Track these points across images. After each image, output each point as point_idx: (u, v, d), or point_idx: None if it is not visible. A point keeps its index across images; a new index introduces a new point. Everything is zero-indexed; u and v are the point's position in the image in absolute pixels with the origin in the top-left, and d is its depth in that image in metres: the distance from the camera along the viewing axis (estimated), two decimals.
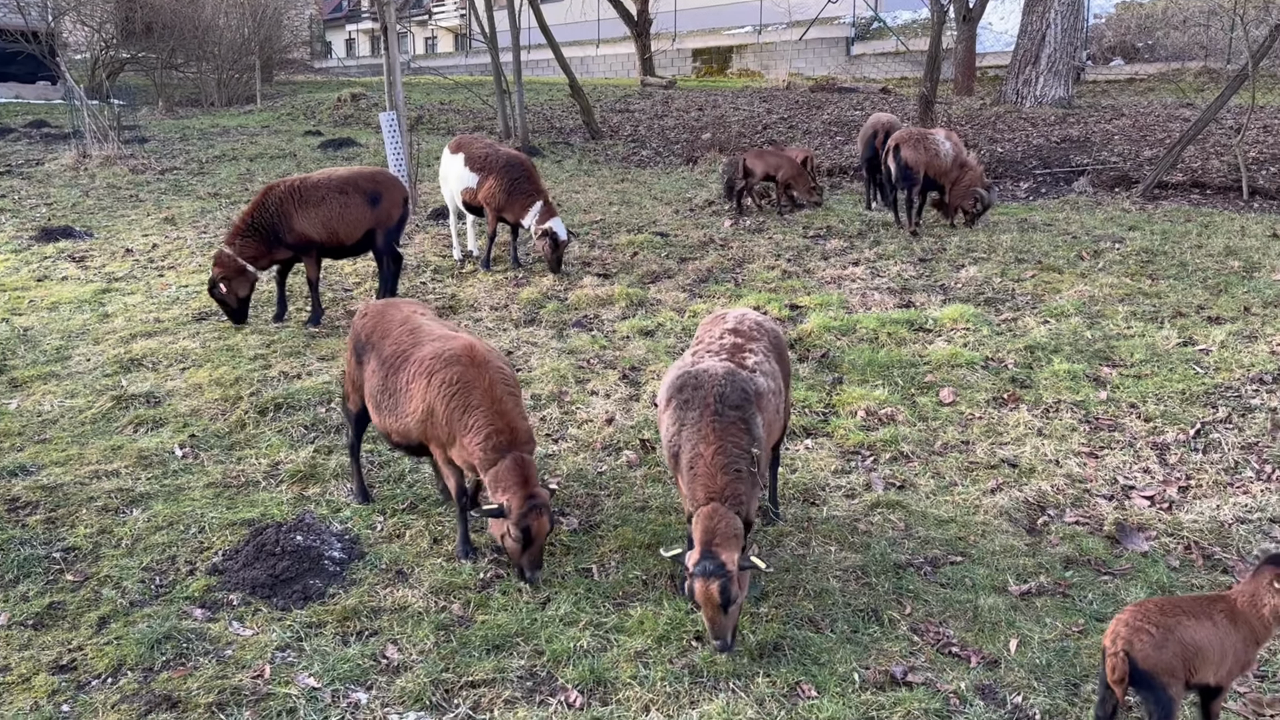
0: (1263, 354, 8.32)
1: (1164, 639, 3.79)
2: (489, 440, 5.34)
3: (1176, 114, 20.70)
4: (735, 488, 4.85)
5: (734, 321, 5.78)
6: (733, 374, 5.13)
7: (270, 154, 20.42)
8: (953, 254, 11.83)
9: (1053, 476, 6.62)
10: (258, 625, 5.09)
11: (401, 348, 5.74)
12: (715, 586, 4.50)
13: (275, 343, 9.03)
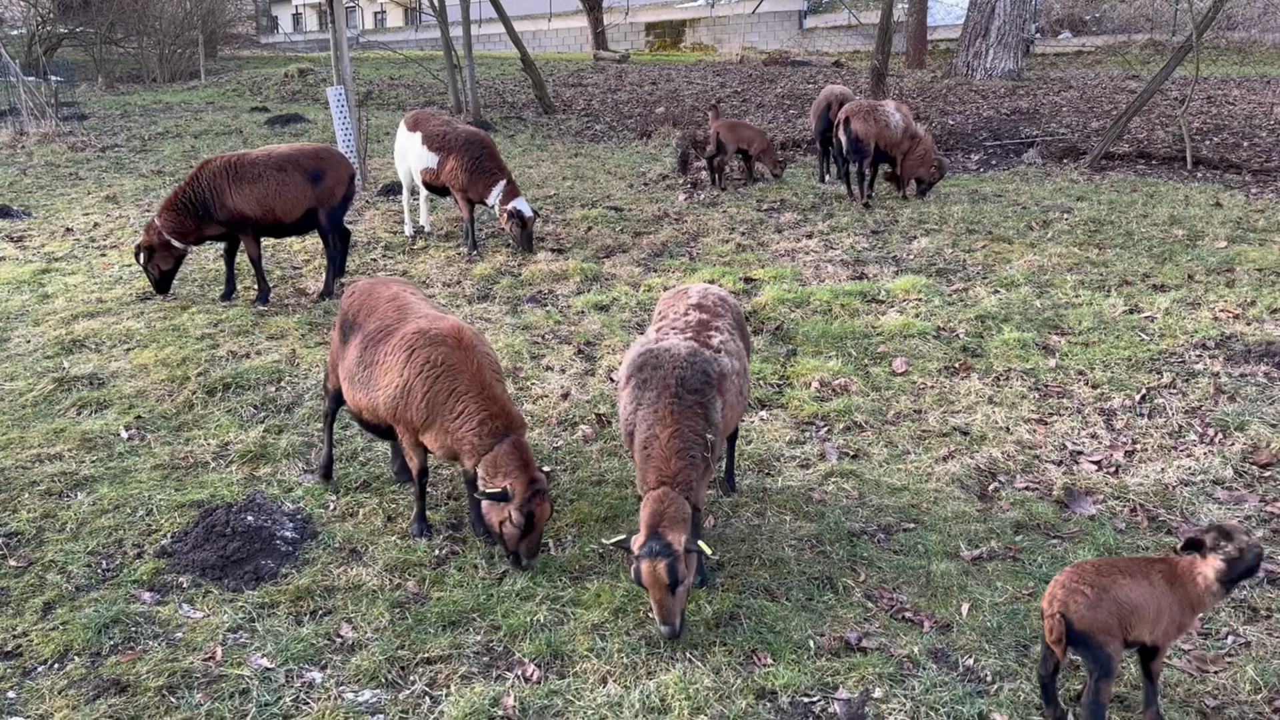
0: (1205, 320, 8.48)
1: (1098, 599, 3.84)
2: (484, 426, 5.25)
3: (1123, 86, 20.98)
4: (687, 474, 4.82)
5: (698, 296, 5.72)
6: (695, 355, 5.08)
7: (215, 130, 20.00)
8: (905, 226, 11.90)
9: (1003, 443, 6.71)
10: (208, 607, 5.02)
11: (385, 323, 5.62)
12: (662, 566, 4.47)
13: (223, 322, 8.87)
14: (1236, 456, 6.35)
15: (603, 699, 4.34)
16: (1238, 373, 7.45)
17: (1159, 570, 3.96)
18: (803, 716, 4.23)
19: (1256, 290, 9.07)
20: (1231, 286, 9.27)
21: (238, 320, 8.90)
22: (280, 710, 4.31)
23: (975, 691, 4.36)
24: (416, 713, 4.31)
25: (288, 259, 10.99)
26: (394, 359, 5.41)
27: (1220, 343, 7.99)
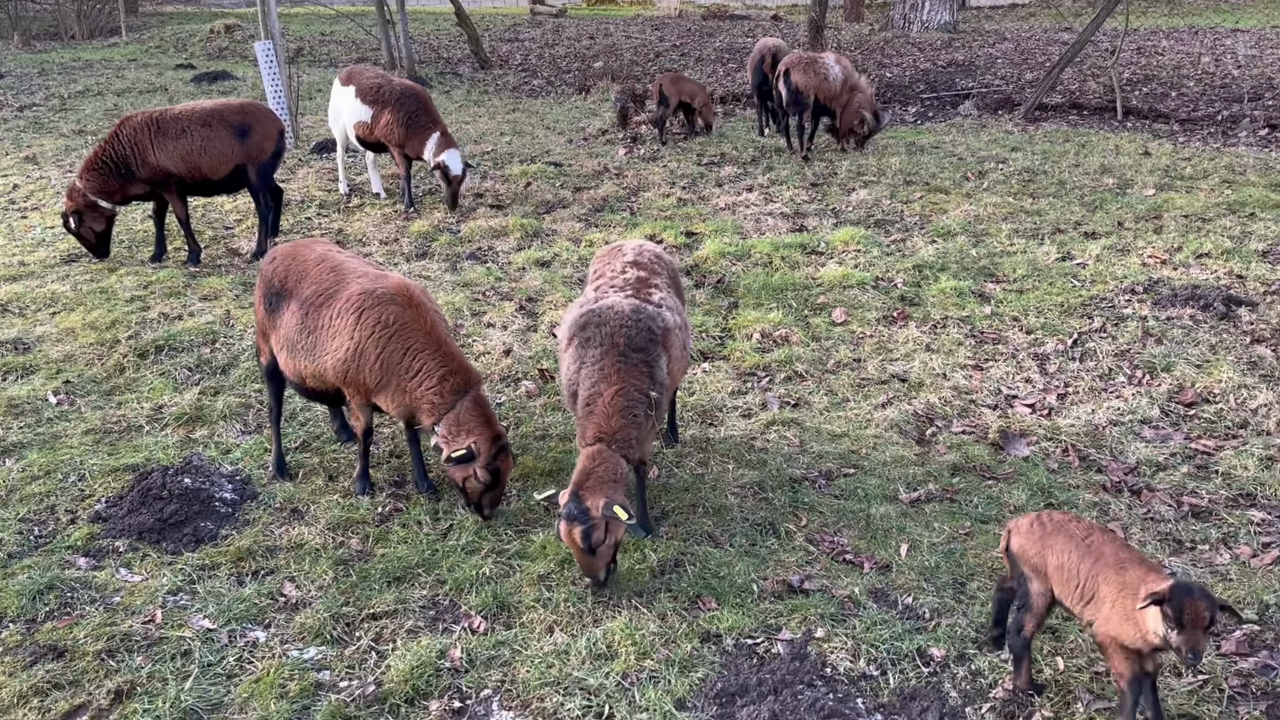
0: (1134, 266, 8.68)
1: (1038, 535, 3.89)
2: (444, 383, 5.19)
3: (1056, 38, 21.21)
4: (628, 432, 4.81)
5: (634, 254, 5.67)
6: (639, 312, 5.05)
7: (139, 89, 19.36)
8: (843, 178, 11.97)
9: (940, 389, 6.83)
10: (147, 570, 4.94)
11: (324, 287, 5.41)
12: (578, 532, 4.49)
13: (153, 283, 8.65)
14: (1163, 396, 6.54)
15: (550, 648, 4.38)
16: (1164, 316, 7.65)
17: (1117, 561, 3.64)
18: (747, 658, 4.30)
19: (1183, 236, 9.29)
20: (1159, 233, 9.49)
21: (169, 282, 8.68)
22: (224, 670, 4.28)
23: (914, 628, 4.47)
24: (363, 668, 4.31)
25: (219, 219, 10.73)
26: (342, 322, 5.26)
27: (1148, 287, 8.19)
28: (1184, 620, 3.27)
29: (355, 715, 4.02)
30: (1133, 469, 5.77)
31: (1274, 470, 5.64)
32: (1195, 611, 3.27)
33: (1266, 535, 5.08)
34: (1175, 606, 3.28)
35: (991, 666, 4.21)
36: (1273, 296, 7.84)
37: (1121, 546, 3.71)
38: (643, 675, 4.20)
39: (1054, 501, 5.47)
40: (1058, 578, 3.79)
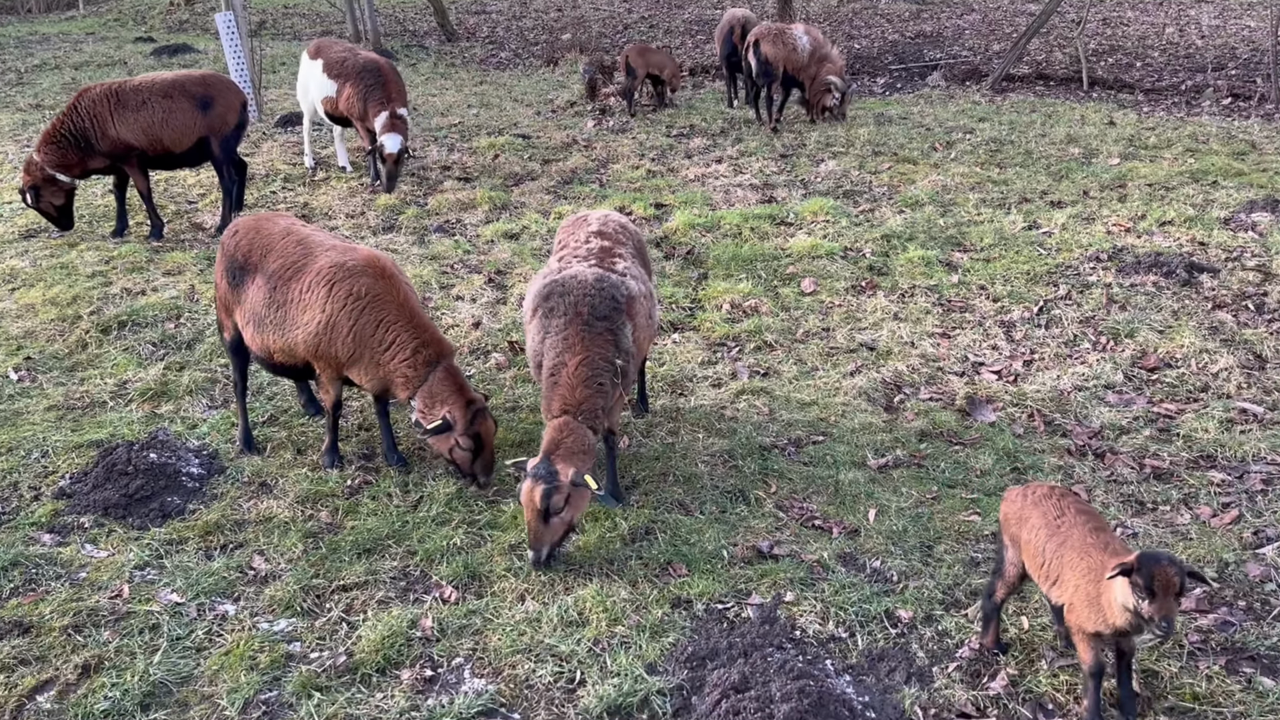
0: (1099, 234, 8.76)
1: (1017, 506, 3.91)
2: (417, 355, 5.17)
3: (1023, 9, 21.26)
4: (593, 402, 4.80)
5: (598, 224, 5.63)
6: (602, 281, 5.02)
7: (97, 62, 18.98)
8: (812, 149, 11.97)
9: (908, 357, 6.88)
10: (113, 546, 4.90)
11: (291, 259, 5.35)
12: (539, 491, 4.47)
13: (115, 259, 8.52)
14: (1127, 362, 6.63)
15: (521, 616, 4.39)
16: (1128, 283, 7.74)
17: (1083, 546, 3.61)
18: (717, 622, 4.34)
19: (1147, 204, 9.38)
20: (1124, 201, 9.57)
21: (131, 257, 8.55)
22: (193, 643, 4.26)
23: (882, 591, 4.52)
24: (334, 638, 4.30)
25: (181, 193, 10.57)
26: (313, 295, 5.21)
27: (1113, 255, 8.27)
28: (1154, 588, 3.23)
29: (327, 685, 4.02)
30: (1097, 433, 5.85)
31: (1234, 432, 5.74)
32: (1165, 578, 3.23)
33: (1226, 495, 5.17)
34: (1145, 575, 3.24)
35: (958, 627, 4.27)
36: (1234, 263, 7.95)
37: (1092, 531, 3.65)
38: (614, 641, 4.22)
39: (1019, 466, 5.54)
40: (1028, 553, 3.83)
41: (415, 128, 13.07)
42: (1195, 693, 3.84)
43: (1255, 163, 10.54)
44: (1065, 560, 3.64)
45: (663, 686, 3.94)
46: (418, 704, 3.91)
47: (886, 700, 3.90)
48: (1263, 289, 7.46)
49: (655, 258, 8.63)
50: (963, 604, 4.43)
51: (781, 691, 3.73)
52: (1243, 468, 5.40)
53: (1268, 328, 6.92)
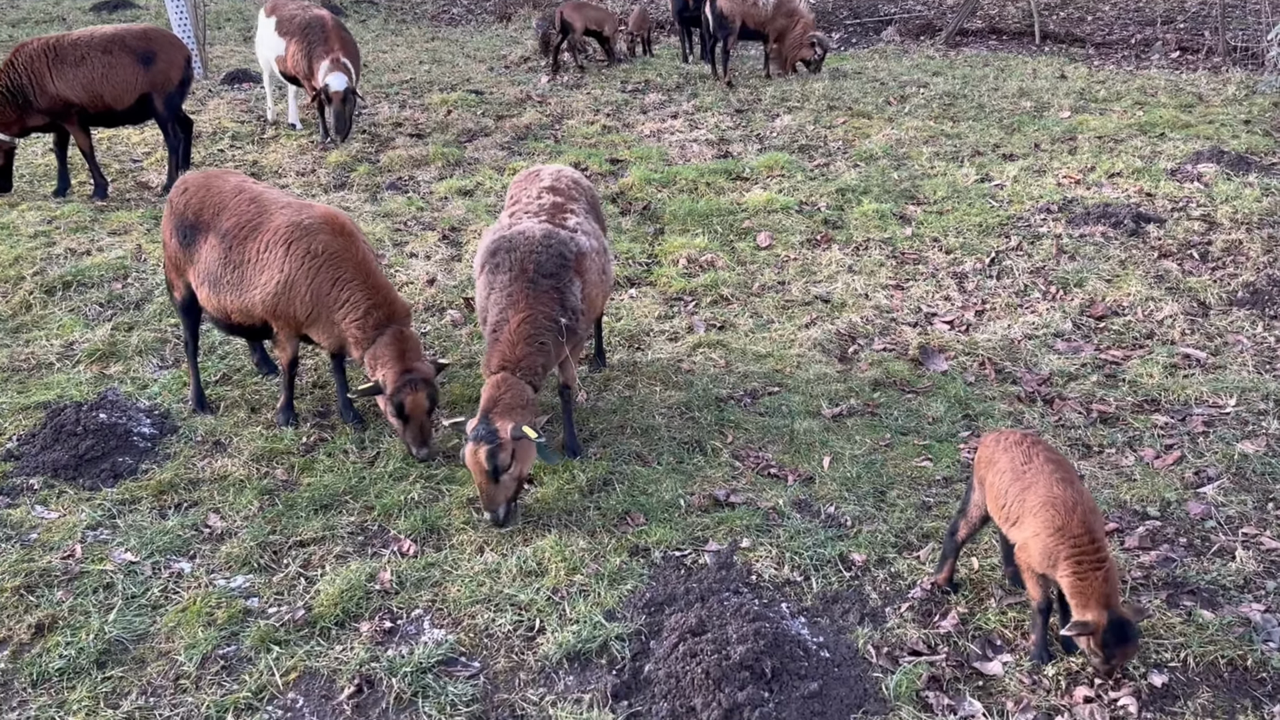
0: (1050, 186, 8.87)
1: (989, 449, 3.94)
2: (368, 317, 5.08)
3: None
4: (533, 360, 4.76)
5: (550, 179, 5.56)
6: (550, 237, 4.96)
7: (35, 19, 18.38)
8: (767, 104, 11.94)
9: (862, 309, 6.94)
10: (64, 507, 4.84)
11: (245, 218, 5.24)
12: (484, 452, 4.45)
13: (57, 219, 8.31)
14: (1075, 310, 6.74)
15: (480, 567, 4.41)
16: (1078, 233, 7.85)
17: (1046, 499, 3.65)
18: (675, 569, 4.39)
19: (1096, 156, 9.49)
20: (1074, 154, 9.68)
21: (74, 217, 8.36)
22: (149, 601, 4.23)
23: (836, 536, 4.60)
24: (292, 593, 4.30)
25: (126, 151, 10.32)
26: (270, 255, 5.12)
27: (1063, 206, 8.38)
28: (1110, 657, 3.52)
29: (285, 639, 4.02)
30: (1046, 380, 5.96)
31: (1177, 377, 5.87)
32: (1122, 656, 3.53)
33: (1169, 438, 5.30)
34: (1107, 646, 3.48)
35: (910, 569, 4.36)
36: (1179, 213, 8.08)
37: (1058, 483, 3.68)
38: (573, 589, 4.26)
39: (970, 413, 5.64)
40: (991, 495, 3.90)
41: (366, 84, 12.85)
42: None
43: (1202, 115, 10.69)
44: (1027, 505, 3.71)
45: (621, 632, 3.99)
46: (377, 655, 3.93)
47: (840, 640, 3.98)
48: (1207, 238, 7.61)
49: (611, 214, 8.60)
50: (915, 546, 4.52)
51: (738, 634, 3.79)
52: (1185, 411, 5.54)
53: (1211, 275, 7.06)
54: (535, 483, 5.05)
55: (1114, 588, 3.49)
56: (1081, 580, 3.50)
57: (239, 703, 3.72)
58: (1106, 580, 3.48)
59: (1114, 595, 3.48)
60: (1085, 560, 3.50)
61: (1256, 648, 3.82)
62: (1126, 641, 3.48)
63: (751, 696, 3.60)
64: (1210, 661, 3.79)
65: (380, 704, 3.73)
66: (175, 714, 3.69)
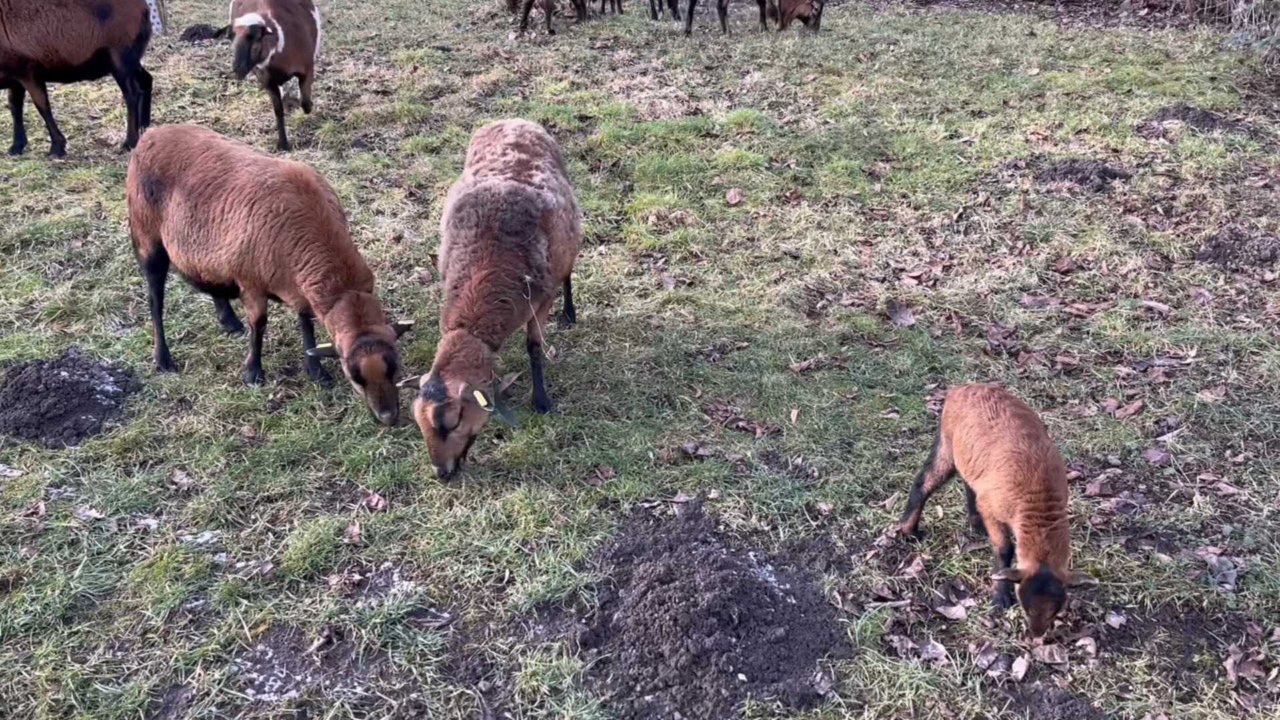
0: (1018, 142, 8.90)
1: (958, 401, 3.98)
2: (327, 281, 4.95)
3: None
4: (492, 318, 4.69)
5: (515, 135, 5.45)
6: (516, 194, 4.88)
7: None
8: (737, 61, 11.87)
9: (831, 265, 6.96)
10: (26, 465, 4.78)
11: (211, 175, 5.13)
12: (430, 410, 4.43)
13: (13, 176, 8.14)
14: (1041, 265, 6.80)
15: (449, 520, 4.42)
16: (1045, 189, 7.89)
17: (1010, 454, 3.68)
18: (644, 520, 4.42)
19: (1064, 113, 9.53)
20: (1042, 110, 9.71)
21: (31, 174, 8.19)
22: (115, 557, 4.21)
23: (803, 486, 4.64)
24: (260, 548, 4.29)
25: (83, 108, 10.11)
26: (234, 215, 5.02)
27: (1030, 162, 8.41)
28: (1029, 609, 3.62)
29: (254, 593, 4.01)
30: (1011, 333, 6.02)
31: (1140, 329, 5.94)
32: (1038, 609, 3.60)
33: (1130, 388, 5.38)
34: (1026, 598, 3.59)
35: (876, 518, 4.41)
36: (1145, 169, 8.14)
37: (1023, 439, 3.71)
38: (542, 541, 4.28)
39: (937, 366, 5.68)
40: (958, 449, 3.94)
41: (330, 40, 12.64)
42: (1097, 569, 4.04)
43: (1169, 72, 10.75)
44: (991, 459, 3.75)
45: (590, 581, 4.02)
46: (346, 607, 3.93)
47: (807, 587, 4.03)
48: (1171, 193, 7.68)
49: (580, 171, 8.55)
50: (881, 496, 4.57)
51: (706, 581, 3.83)
52: (1147, 362, 5.61)
53: (1175, 230, 7.14)
54: (505, 437, 5.05)
55: (1057, 546, 3.53)
56: (1027, 534, 3.57)
57: (208, 655, 3.72)
58: (1049, 537, 3.54)
59: (1055, 553, 3.53)
60: (1035, 515, 3.57)
61: (1212, 589, 3.91)
62: (1043, 594, 3.54)
63: (719, 642, 3.64)
64: (1167, 603, 3.88)
65: (350, 655, 3.74)
66: (144, 667, 3.68)
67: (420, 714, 3.51)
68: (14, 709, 3.53)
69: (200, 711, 3.50)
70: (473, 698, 3.57)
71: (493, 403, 4.57)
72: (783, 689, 3.54)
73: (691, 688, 3.54)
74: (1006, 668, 3.63)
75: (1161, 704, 3.46)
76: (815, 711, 3.48)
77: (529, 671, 3.63)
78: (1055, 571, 3.52)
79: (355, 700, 3.56)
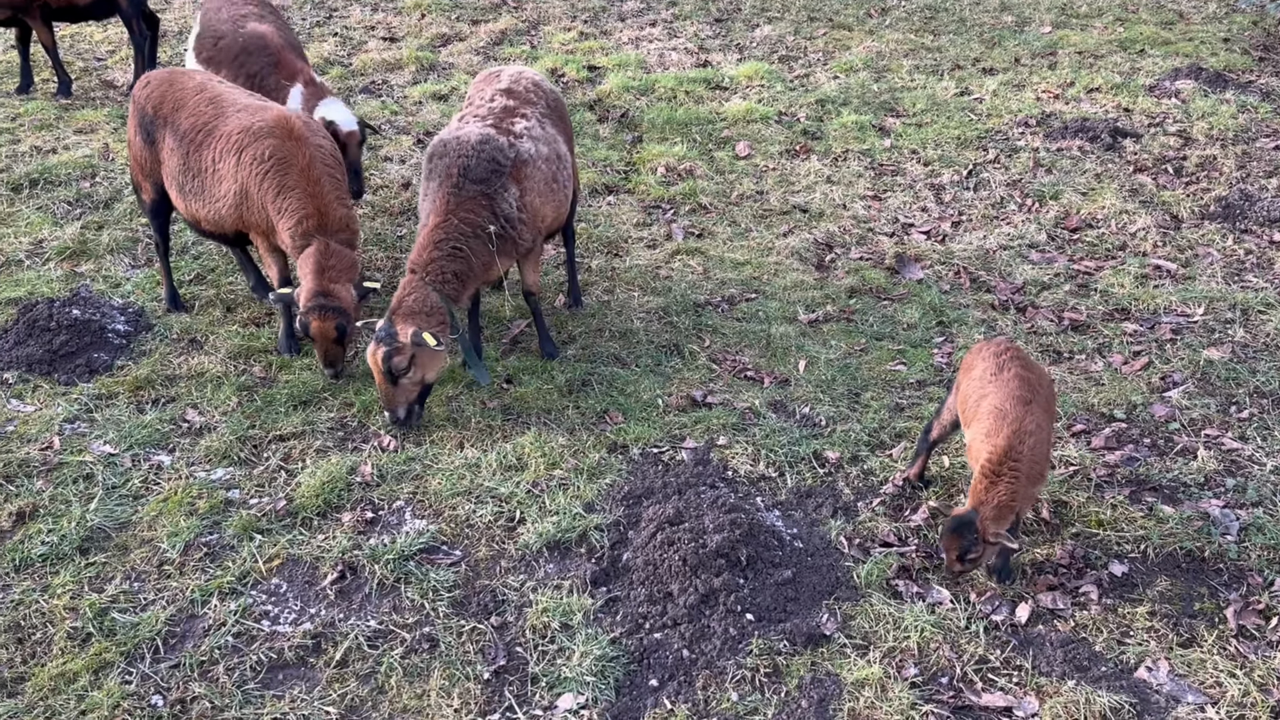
0: (1029, 100, 8.84)
1: (970, 362, 4.01)
2: (299, 226, 4.80)
3: None
4: (441, 265, 4.58)
5: (509, 81, 5.32)
6: (486, 143, 4.74)
7: None
8: (748, 14, 11.74)
9: (840, 219, 6.95)
10: (40, 401, 4.82)
11: (202, 120, 5.02)
12: (380, 353, 4.40)
13: (21, 116, 8.10)
14: (1050, 222, 6.79)
15: (461, 461, 4.46)
16: (1055, 147, 7.86)
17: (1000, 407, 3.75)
18: (653, 465, 4.46)
19: (1076, 72, 9.46)
20: (1054, 69, 9.63)
21: (38, 114, 8.14)
22: (129, 491, 4.26)
23: (811, 434, 4.68)
24: (273, 485, 4.34)
25: (89, 49, 10.02)
26: (225, 165, 4.92)
27: (1041, 120, 8.37)
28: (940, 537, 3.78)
29: (267, 528, 4.07)
30: (1019, 288, 6.03)
31: (1148, 287, 5.96)
32: (945, 542, 3.68)
33: (1137, 345, 5.41)
34: (941, 527, 3.78)
35: (883, 466, 4.46)
36: (1156, 129, 8.10)
37: (1012, 398, 3.73)
38: (552, 483, 4.33)
39: (944, 319, 5.70)
40: (960, 397, 3.99)
41: None
42: (1100, 519, 4.09)
43: (1182, 32, 10.65)
44: (980, 409, 3.81)
45: (600, 522, 4.07)
46: (359, 543, 3.99)
47: (814, 532, 4.09)
48: (1182, 153, 7.65)
49: (589, 121, 8.50)
50: (887, 445, 4.61)
51: (714, 523, 3.88)
52: (1154, 319, 5.64)
53: (1185, 190, 7.12)
54: (515, 382, 5.08)
55: (995, 502, 3.56)
56: (978, 483, 3.63)
57: (223, 587, 3.78)
58: (988, 489, 3.58)
59: (989, 507, 3.56)
60: (989, 469, 3.61)
61: (1215, 540, 3.96)
62: (954, 534, 3.59)
63: (727, 582, 3.70)
64: (1169, 553, 3.93)
65: (363, 589, 3.80)
66: (160, 597, 3.74)
67: (433, 647, 3.58)
68: (32, 635, 3.59)
69: (217, 640, 3.56)
70: (484, 632, 3.63)
71: (444, 344, 4.49)
72: (789, 629, 3.60)
73: (700, 626, 3.60)
74: (1010, 612, 3.69)
75: (1162, 649, 3.53)
76: (821, 651, 3.55)
77: (540, 608, 3.69)
78: (979, 522, 3.56)
79: (369, 633, 3.63)
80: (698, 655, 3.52)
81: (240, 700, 3.37)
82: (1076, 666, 3.47)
